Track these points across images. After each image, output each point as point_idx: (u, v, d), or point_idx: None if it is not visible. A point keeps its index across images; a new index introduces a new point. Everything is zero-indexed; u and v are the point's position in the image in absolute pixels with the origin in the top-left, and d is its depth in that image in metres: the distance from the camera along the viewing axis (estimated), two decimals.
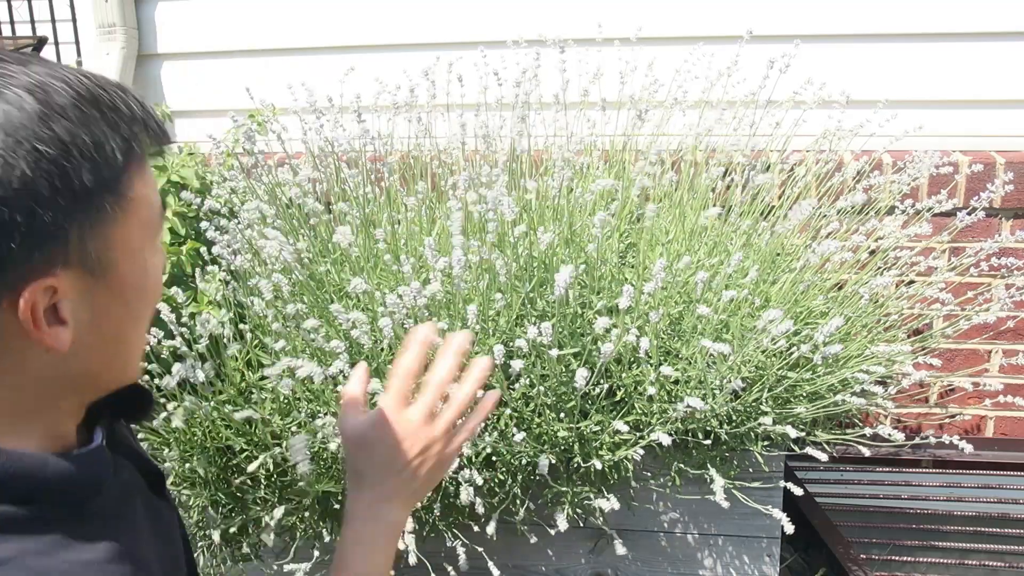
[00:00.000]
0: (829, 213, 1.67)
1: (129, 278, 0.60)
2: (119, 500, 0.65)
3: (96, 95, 0.56)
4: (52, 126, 0.52)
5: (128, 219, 0.58)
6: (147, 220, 0.60)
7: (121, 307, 0.60)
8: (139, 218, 0.59)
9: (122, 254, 0.58)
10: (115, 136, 0.56)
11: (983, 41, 2.17)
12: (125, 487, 0.68)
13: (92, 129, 0.54)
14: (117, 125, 0.56)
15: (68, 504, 0.59)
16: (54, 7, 2.57)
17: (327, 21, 2.41)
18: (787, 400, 1.51)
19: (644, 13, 2.21)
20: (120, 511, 0.64)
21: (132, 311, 0.61)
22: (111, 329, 0.60)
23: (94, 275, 0.57)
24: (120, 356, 0.63)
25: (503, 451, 1.38)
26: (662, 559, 1.66)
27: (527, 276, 1.46)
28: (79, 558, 0.57)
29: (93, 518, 0.60)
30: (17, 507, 0.56)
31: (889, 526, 2.09)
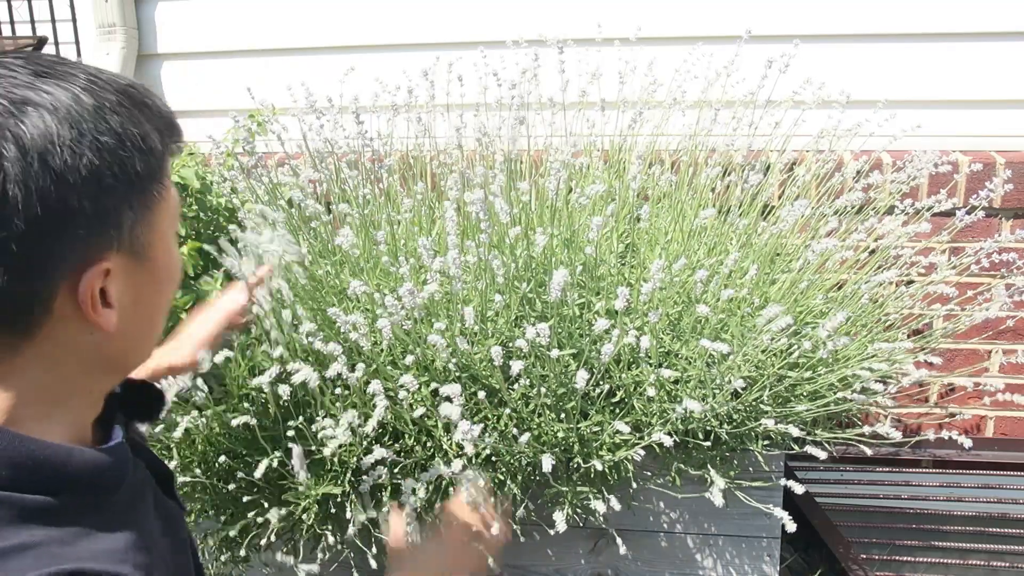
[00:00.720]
0: (828, 213, 1.67)
1: (162, 262, 0.63)
2: (133, 496, 0.66)
3: (131, 92, 0.60)
4: (107, 119, 0.57)
5: (164, 206, 0.62)
6: (174, 208, 0.64)
7: (155, 290, 0.64)
8: (169, 206, 0.63)
9: (158, 239, 0.62)
10: (154, 129, 0.60)
11: (983, 41, 2.17)
12: (138, 485, 0.69)
13: (137, 122, 0.59)
14: (152, 119, 0.61)
15: (89, 495, 0.61)
16: (54, 7, 2.57)
17: (327, 21, 2.41)
18: (787, 399, 1.51)
19: (643, 13, 2.21)
20: (134, 506, 0.66)
21: (162, 294, 0.65)
22: (146, 312, 0.64)
23: (138, 259, 0.61)
24: (148, 339, 0.66)
25: (503, 451, 1.38)
26: (662, 559, 1.66)
27: (526, 277, 1.46)
28: (98, 547, 0.58)
29: (110, 511, 0.62)
30: (43, 496, 0.57)
31: (889, 526, 2.09)
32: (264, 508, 1.42)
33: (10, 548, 0.54)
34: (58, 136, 0.54)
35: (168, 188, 0.63)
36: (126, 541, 0.60)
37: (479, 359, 1.37)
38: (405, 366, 1.36)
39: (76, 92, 0.56)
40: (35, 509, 0.57)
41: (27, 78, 0.55)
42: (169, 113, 0.64)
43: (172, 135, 0.63)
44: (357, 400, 1.32)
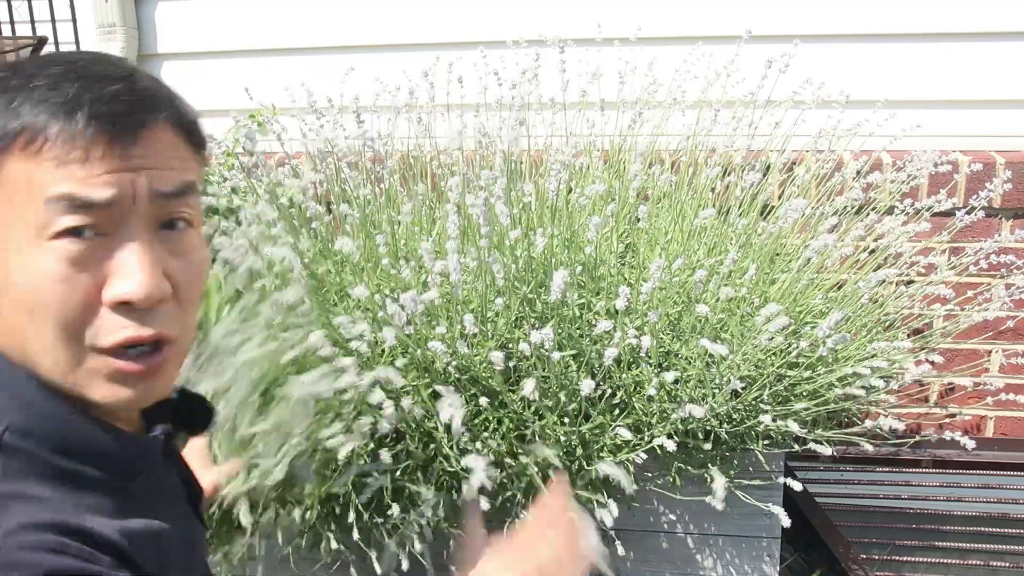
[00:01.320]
0: (828, 212, 1.67)
1: (6, 259, 0.56)
2: (155, 494, 0.66)
3: (12, 73, 0.57)
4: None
5: (0, 192, 0.56)
6: (26, 208, 0.56)
7: (6, 287, 0.57)
8: (15, 199, 0.56)
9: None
10: (19, 105, 0.55)
11: (983, 41, 2.17)
12: (165, 487, 0.69)
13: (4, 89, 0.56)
14: (10, 102, 0.56)
15: (115, 475, 0.60)
16: (54, 7, 2.57)
17: (327, 21, 2.41)
18: (787, 398, 1.51)
19: (643, 13, 2.21)
20: (153, 503, 0.64)
21: (17, 298, 0.57)
22: (5, 304, 0.58)
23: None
24: (26, 350, 0.59)
25: (503, 452, 1.38)
26: (662, 559, 1.66)
27: (526, 278, 1.46)
28: (102, 519, 0.57)
29: (128, 497, 0.61)
30: (67, 461, 0.58)
31: (889, 526, 2.09)
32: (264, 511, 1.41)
33: (18, 495, 0.54)
34: None
35: (8, 177, 0.56)
36: (142, 526, 0.60)
37: (479, 361, 1.37)
38: (405, 367, 1.36)
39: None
40: (56, 470, 0.57)
41: None
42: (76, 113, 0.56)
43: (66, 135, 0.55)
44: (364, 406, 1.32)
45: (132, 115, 0.57)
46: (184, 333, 0.63)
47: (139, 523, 0.60)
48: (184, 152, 0.61)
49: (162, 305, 0.59)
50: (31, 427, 0.57)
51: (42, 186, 0.55)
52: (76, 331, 0.57)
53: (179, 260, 0.61)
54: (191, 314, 0.63)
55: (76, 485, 0.57)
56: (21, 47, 2.42)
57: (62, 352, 0.57)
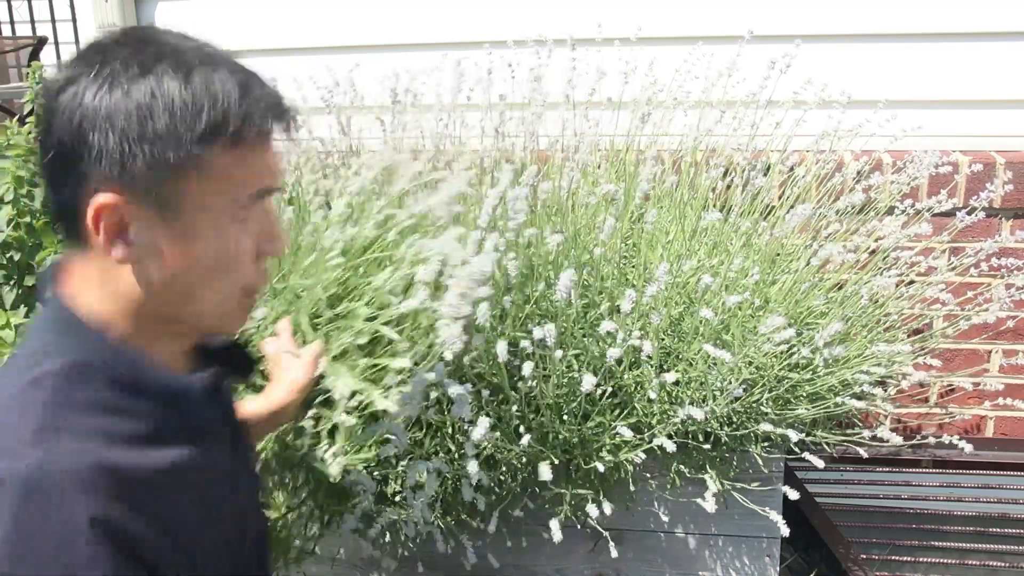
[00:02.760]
0: (829, 213, 1.68)
1: (199, 233, 0.68)
2: (200, 434, 0.74)
3: (217, 74, 0.67)
4: (157, 80, 0.64)
5: (204, 182, 0.66)
6: (230, 193, 0.68)
7: (187, 255, 0.68)
8: (219, 187, 0.67)
9: (194, 209, 0.67)
10: (211, 107, 0.65)
11: (983, 41, 2.17)
12: (210, 427, 0.77)
13: (191, 95, 0.64)
14: (218, 99, 0.66)
15: (160, 410, 0.69)
16: (54, 7, 2.57)
17: (329, 21, 2.41)
18: (787, 401, 1.51)
19: (644, 13, 2.21)
20: (197, 443, 0.72)
21: (201, 262, 0.68)
22: (176, 270, 0.68)
23: (163, 216, 0.66)
24: (192, 301, 0.70)
25: (505, 451, 1.38)
26: (663, 559, 1.66)
27: (534, 276, 1.46)
28: (159, 453, 0.67)
29: (174, 433, 0.70)
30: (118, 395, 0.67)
31: (889, 526, 2.09)
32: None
33: (69, 426, 0.63)
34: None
35: (218, 169, 0.66)
36: (171, 456, 0.69)
37: (486, 355, 1.37)
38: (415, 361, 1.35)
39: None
40: (108, 402, 0.66)
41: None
42: (264, 103, 0.70)
43: (241, 124, 0.67)
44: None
45: (289, 111, 0.73)
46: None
47: (175, 453, 0.68)
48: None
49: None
50: (97, 363, 0.67)
51: (244, 178, 0.68)
52: (241, 282, 0.72)
53: None
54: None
55: (126, 416, 0.66)
56: (21, 47, 2.42)
57: (228, 300, 0.72)
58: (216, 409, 0.80)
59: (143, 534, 0.63)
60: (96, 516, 0.60)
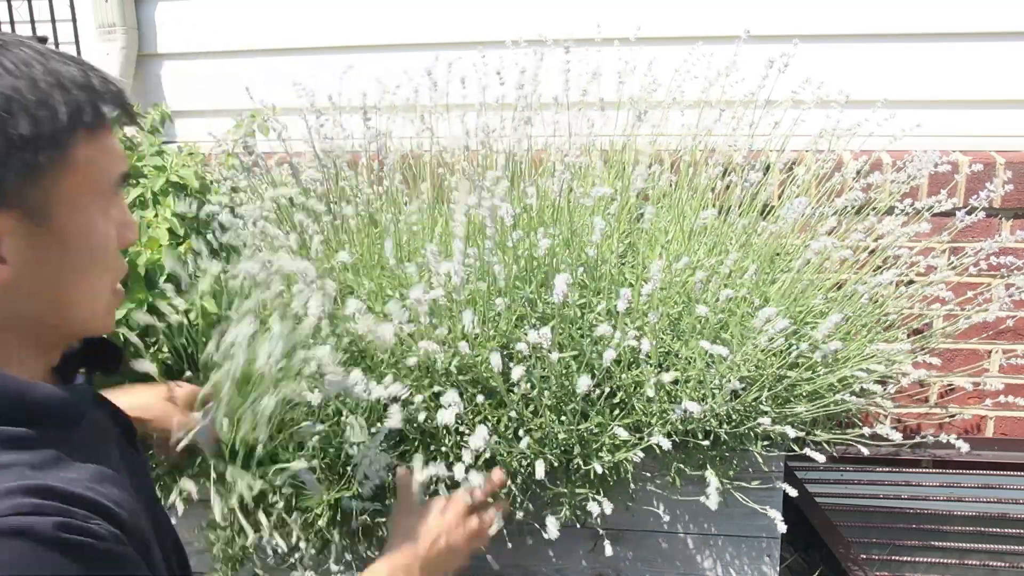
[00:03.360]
0: (828, 212, 1.67)
1: (71, 230, 0.65)
2: (96, 438, 0.71)
3: (52, 65, 0.63)
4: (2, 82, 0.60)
5: (72, 177, 0.64)
6: (96, 183, 0.66)
7: (62, 256, 0.65)
8: (85, 178, 0.65)
9: (66, 208, 0.64)
10: (64, 99, 0.63)
11: (983, 41, 2.17)
12: (100, 429, 0.74)
13: (39, 89, 0.61)
14: (68, 90, 0.63)
15: (56, 429, 0.66)
16: (54, 7, 2.57)
17: (327, 21, 2.41)
18: (787, 399, 1.51)
19: (643, 13, 2.21)
20: (98, 447, 0.70)
21: (75, 263, 0.66)
22: (52, 275, 0.66)
23: (35, 222, 0.63)
24: (67, 306, 0.68)
25: (503, 452, 1.38)
26: (662, 559, 1.66)
27: (527, 278, 1.46)
28: (67, 475, 0.62)
29: (76, 445, 0.66)
30: (14, 427, 0.62)
31: (889, 526, 2.09)
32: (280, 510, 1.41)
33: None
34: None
35: (81, 160, 0.64)
36: (92, 472, 0.65)
37: (480, 361, 1.37)
38: (408, 368, 1.36)
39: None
40: (8, 437, 0.62)
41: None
42: (108, 92, 0.67)
43: (94, 109, 0.65)
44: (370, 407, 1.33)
45: (130, 103, 0.69)
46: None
47: (92, 469, 0.65)
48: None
49: None
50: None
51: (105, 166, 0.67)
52: (114, 277, 0.71)
53: None
54: None
55: (27, 446, 0.62)
56: None
57: (103, 297, 0.70)
58: (99, 412, 0.76)
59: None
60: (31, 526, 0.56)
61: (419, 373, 1.38)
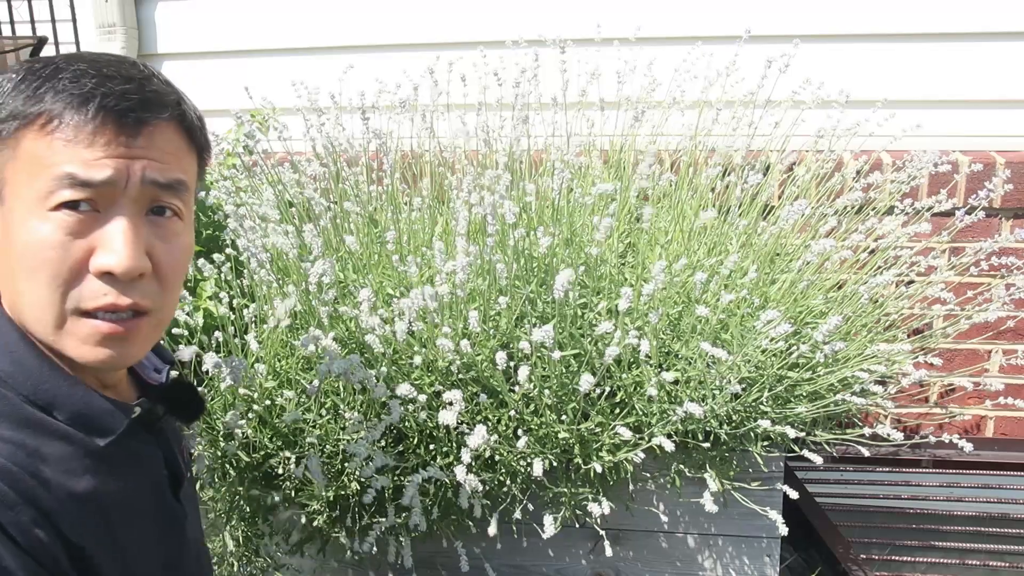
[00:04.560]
0: (828, 213, 1.67)
1: (14, 223, 0.64)
2: (127, 462, 0.70)
3: (44, 64, 0.64)
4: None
5: (14, 164, 0.64)
6: (34, 180, 0.63)
7: (11, 247, 0.65)
8: (27, 172, 0.64)
9: (10, 194, 0.64)
10: (25, 93, 0.63)
11: (983, 41, 2.17)
12: (139, 458, 0.73)
13: (9, 80, 0.64)
14: (38, 88, 0.63)
15: (81, 431, 0.66)
16: (54, 7, 2.57)
17: (327, 21, 2.41)
18: (787, 400, 1.51)
19: (643, 13, 2.21)
20: (123, 471, 0.69)
21: (20, 258, 0.64)
22: (8, 263, 0.65)
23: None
24: (19, 300, 0.66)
25: (504, 452, 1.38)
26: (662, 559, 1.66)
27: (527, 277, 1.46)
28: (78, 478, 0.64)
29: (96, 457, 0.67)
30: (41, 412, 0.64)
31: (889, 526, 2.08)
32: (285, 508, 1.42)
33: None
34: None
35: (24, 154, 0.64)
36: (92, 481, 0.65)
37: (481, 360, 1.37)
38: (411, 366, 1.36)
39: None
40: (25, 416, 0.63)
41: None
42: (90, 93, 0.64)
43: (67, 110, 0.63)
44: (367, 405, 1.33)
45: (138, 112, 0.64)
46: (162, 309, 0.69)
47: (95, 480, 0.65)
48: (182, 151, 0.69)
49: (142, 279, 0.66)
50: (11, 375, 0.64)
51: (51, 163, 0.63)
52: (64, 292, 0.64)
53: (164, 243, 0.68)
54: (170, 293, 0.70)
55: (39, 432, 0.63)
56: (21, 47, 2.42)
57: (49, 310, 0.64)
58: (152, 446, 0.76)
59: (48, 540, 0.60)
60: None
61: (421, 372, 1.38)
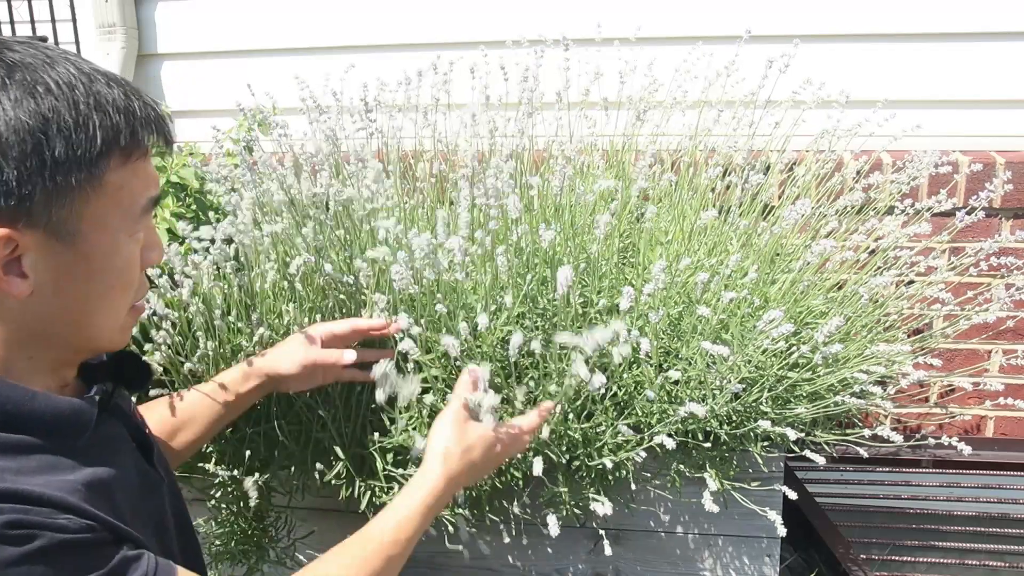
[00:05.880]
0: (828, 213, 1.67)
1: (97, 251, 0.66)
2: (105, 448, 0.72)
3: (95, 87, 0.64)
4: (38, 101, 0.60)
5: (101, 199, 0.65)
6: (126, 207, 0.67)
7: (85, 275, 0.66)
8: (116, 201, 0.66)
9: (92, 228, 0.65)
10: (102, 123, 0.63)
11: (983, 41, 2.17)
12: (111, 438, 0.76)
13: (78, 111, 0.62)
14: (107, 114, 0.63)
15: (56, 437, 0.67)
16: (54, 7, 2.57)
17: (327, 21, 2.41)
18: (787, 400, 1.51)
19: (643, 13, 2.21)
20: (104, 457, 0.71)
21: (98, 282, 0.67)
22: (74, 292, 0.67)
23: (60, 240, 0.64)
24: (87, 323, 0.69)
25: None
26: (662, 559, 1.66)
27: (529, 272, 1.46)
28: (55, 479, 0.64)
29: (79, 454, 0.68)
30: (15, 434, 0.64)
31: (889, 526, 2.09)
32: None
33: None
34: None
35: (113, 183, 0.65)
36: (87, 479, 0.66)
37: (481, 354, 1.36)
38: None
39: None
40: (3, 444, 0.63)
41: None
42: (149, 116, 0.67)
43: (147, 137, 0.67)
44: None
45: (170, 130, 0.70)
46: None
47: (87, 473, 0.66)
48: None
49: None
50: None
51: (137, 190, 0.68)
52: (133, 297, 0.73)
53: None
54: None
55: (19, 452, 0.64)
56: None
57: (120, 317, 0.72)
58: (116, 425, 0.78)
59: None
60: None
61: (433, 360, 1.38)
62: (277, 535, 1.54)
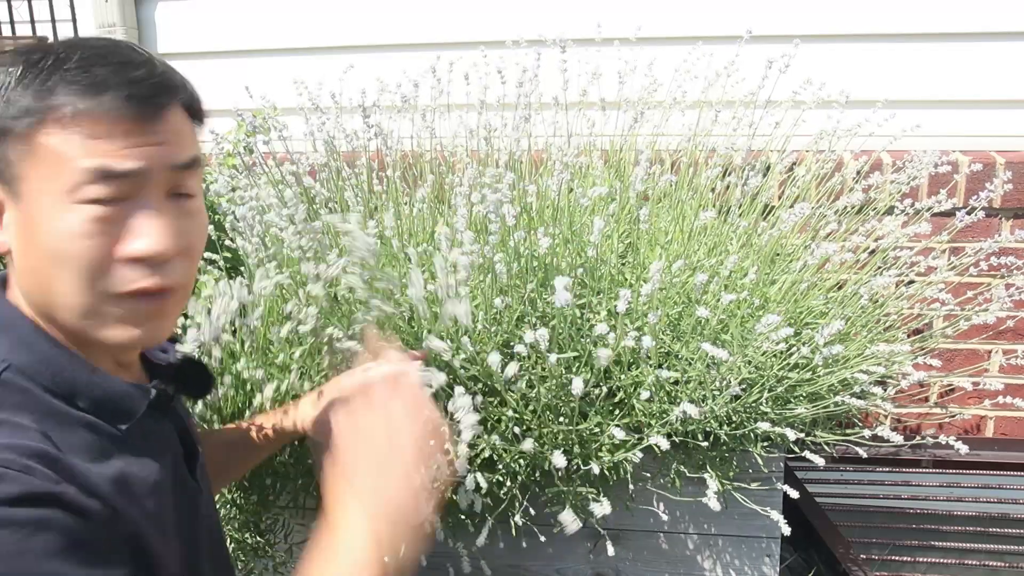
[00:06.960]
0: (828, 213, 1.67)
1: (36, 217, 0.64)
2: (146, 444, 0.72)
3: (43, 55, 0.64)
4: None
5: (33, 160, 0.63)
6: (57, 175, 0.63)
7: (35, 241, 0.65)
8: (47, 167, 0.63)
9: (29, 190, 0.64)
10: (32, 87, 0.63)
11: (983, 41, 2.17)
12: (158, 440, 0.75)
13: (9, 75, 0.63)
14: (45, 80, 0.63)
15: (103, 415, 0.68)
16: (54, 7, 2.57)
17: (327, 21, 2.41)
18: (787, 401, 1.51)
19: (643, 13, 2.21)
20: (145, 452, 0.71)
21: (41, 249, 0.65)
22: (33, 257, 0.66)
23: (12, 196, 0.65)
24: (51, 299, 0.67)
25: (503, 452, 1.38)
26: (662, 559, 1.66)
27: (528, 277, 1.46)
28: (102, 464, 0.64)
29: (123, 441, 0.68)
30: (59, 401, 0.65)
31: (889, 526, 2.09)
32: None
33: (3, 421, 0.61)
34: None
35: (44, 148, 0.63)
36: (115, 465, 0.66)
37: (481, 359, 1.36)
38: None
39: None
40: (47, 407, 0.64)
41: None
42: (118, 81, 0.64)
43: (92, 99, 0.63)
44: None
45: (154, 97, 0.65)
46: (186, 284, 0.71)
47: (120, 463, 0.66)
48: (191, 129, 0.71)
49: (171, 260, 0.68)
50: (31, 367, 0.65)
51: (72, 157, 0.62)
52: (92, 280, 0.65)
53: (186, 222, 0.69)
54: (193, 268, 0.72)
55: (62, 422, 0.64)
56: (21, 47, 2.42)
57: (79, 298, 0.65)
58: (166, 425, 0.77)
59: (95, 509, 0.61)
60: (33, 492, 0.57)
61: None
62: (274, 540, 1.54)
